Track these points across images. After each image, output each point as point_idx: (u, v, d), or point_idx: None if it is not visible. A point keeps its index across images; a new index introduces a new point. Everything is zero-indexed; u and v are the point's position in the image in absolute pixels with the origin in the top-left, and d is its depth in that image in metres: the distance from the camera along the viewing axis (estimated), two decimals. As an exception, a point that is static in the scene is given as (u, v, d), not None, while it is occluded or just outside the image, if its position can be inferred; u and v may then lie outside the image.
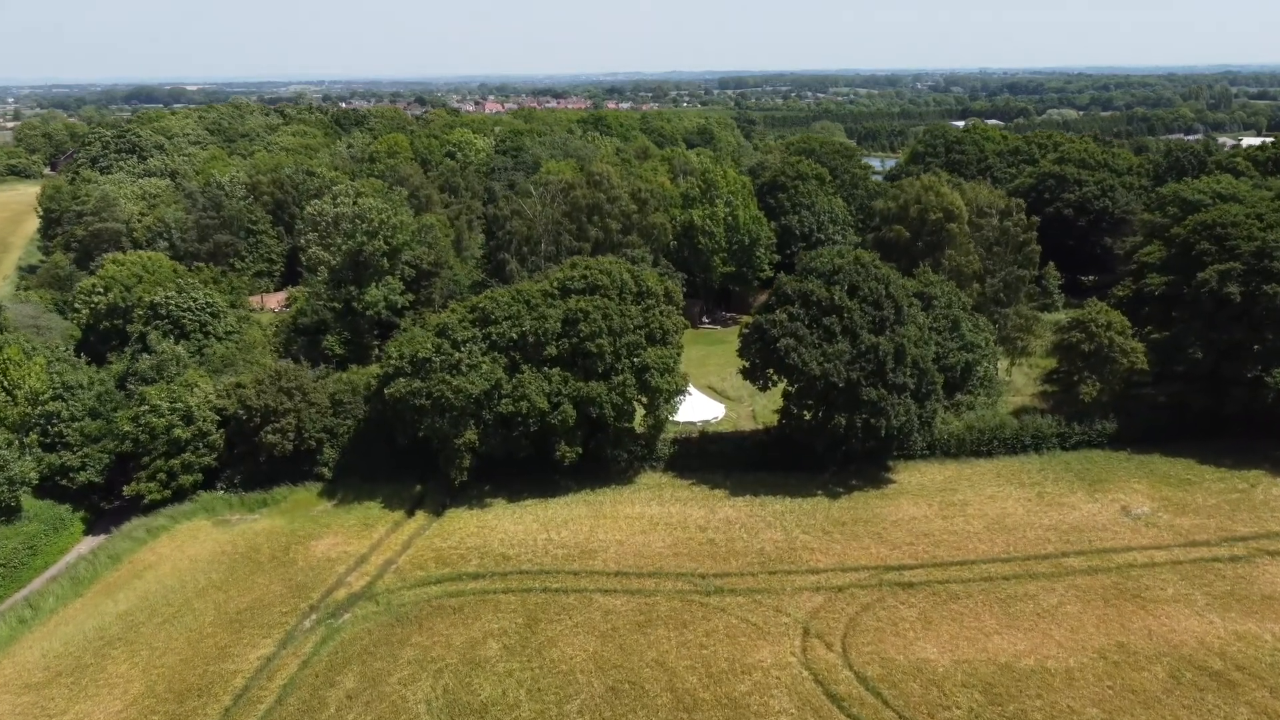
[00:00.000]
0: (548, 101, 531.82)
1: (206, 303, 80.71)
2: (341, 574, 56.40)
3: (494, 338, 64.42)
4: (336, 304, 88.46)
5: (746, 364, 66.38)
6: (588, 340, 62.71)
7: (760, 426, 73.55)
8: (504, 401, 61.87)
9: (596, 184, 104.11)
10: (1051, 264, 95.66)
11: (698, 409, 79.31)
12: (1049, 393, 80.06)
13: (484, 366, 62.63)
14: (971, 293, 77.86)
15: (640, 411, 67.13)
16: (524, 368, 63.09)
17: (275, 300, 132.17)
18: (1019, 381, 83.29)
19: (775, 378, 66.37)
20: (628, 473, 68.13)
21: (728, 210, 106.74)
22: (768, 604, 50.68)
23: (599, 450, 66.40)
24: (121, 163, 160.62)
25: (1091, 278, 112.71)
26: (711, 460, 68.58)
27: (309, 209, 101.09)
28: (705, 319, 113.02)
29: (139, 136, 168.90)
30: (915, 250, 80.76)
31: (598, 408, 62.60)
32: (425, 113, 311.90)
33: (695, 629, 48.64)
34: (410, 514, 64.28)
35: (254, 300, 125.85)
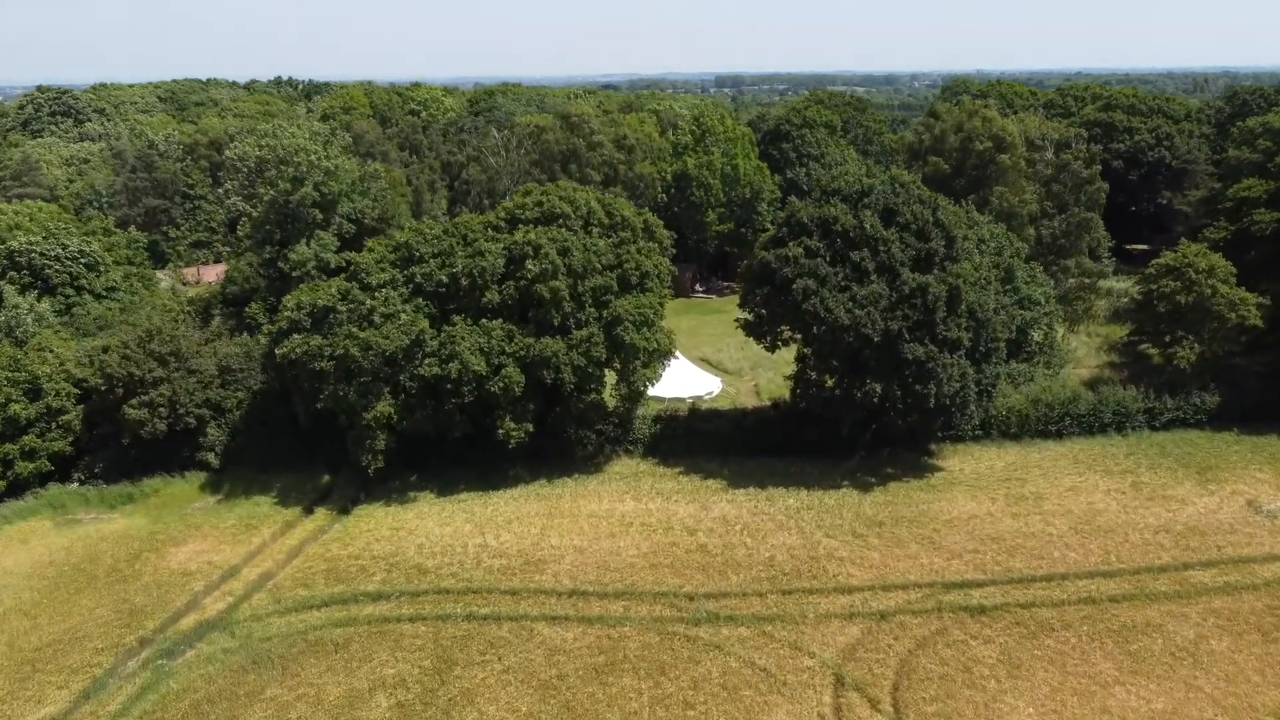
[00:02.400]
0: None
1: (80, 251, 65.36)
2: (197, 593, 41.15)
3: (418, 281, 49.27)
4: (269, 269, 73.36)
5: (750, 317, 51.12)
6: (538, 283, 47.51)
7: (767, 402, 58.33)
8: (427, 362, 46.62)
9: (574, 128, 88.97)
10: (1100, 224, 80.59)
11: (688, 382, 64.19)
12: (1117, 363, 64.99)
13: (403, 317, 47.45)
14: (1026, 239, 62.70)
15: (612, 380, 51.95)
16: (456, 319, 47.88)
17: (214, 273, 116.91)
18: (1079, 350, 68.07)
19: (788, 335, 51.16)
20: (596, 458, 52.93)
21: (725, 160, 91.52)
22: (782, 638, 35.53)
23: (558, 429, 51.26)
24: (55, 126, 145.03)
25: (1142, 247, 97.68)
26: (704, 443, 53.37)
27: (228, 152, 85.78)
28: (699, 287, 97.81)
29: (75, 99, 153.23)
30: (955, 188, 65.53)
31: (553, 372, 47.40)
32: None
33: (678, 677, 33.47)
34: (309, 511, 49.03)
35: (189, 272, 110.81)
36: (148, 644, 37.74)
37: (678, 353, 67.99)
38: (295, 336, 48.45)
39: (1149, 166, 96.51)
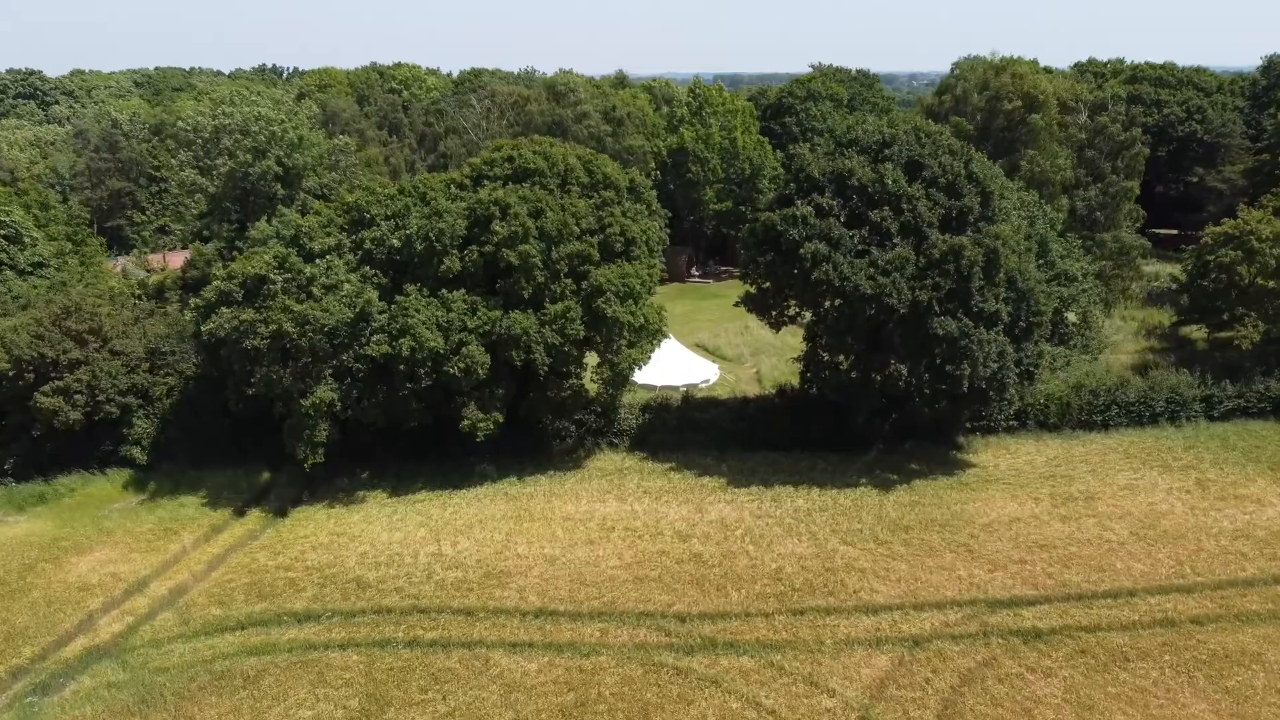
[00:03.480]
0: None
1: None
2: (92, 612, 34.33)
3: (368, 247, 42.52)
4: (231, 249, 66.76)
5: (751, 288, 44.33)
6: (506, 248, 40.73)
7: (770, 390, 51.57)
8: (375, 339, 39.83)
9: (559, 97, 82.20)
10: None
11: (682, 369, 57.51)
12: (1158, 349, 58.42)
13: (347, 287, 40.67)
14: (1059, 208, 55.99)
15: (595, 363, 45.18)
16: (410, 290, 41.10)
17: (180, 259, 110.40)
18: (1115, 335, 61.29)
19: (795, 310, 44.44)
20: (575, 453, 46.23)
21: (724, 134, 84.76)
22: (795, 671, 28.77)
23: (531, 419, 44.56)
24: (19, 109, 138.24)
25: (1170, 231, 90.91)
26: (699, 435, 46.62)
27: (180, 121, 79.02)
28: (695, 271, 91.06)
29: (44, 81, 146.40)
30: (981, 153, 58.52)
31: (523, 351, 40.64)
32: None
33: (664, 723, 26.73)
34: (240, 514, 42.22)
35: (154, 259, 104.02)
36: (21, 675, 30.98)
37: (670, 334, 61.44)
38: (224, 310, 41.66)
39: (1178, 142, 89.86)
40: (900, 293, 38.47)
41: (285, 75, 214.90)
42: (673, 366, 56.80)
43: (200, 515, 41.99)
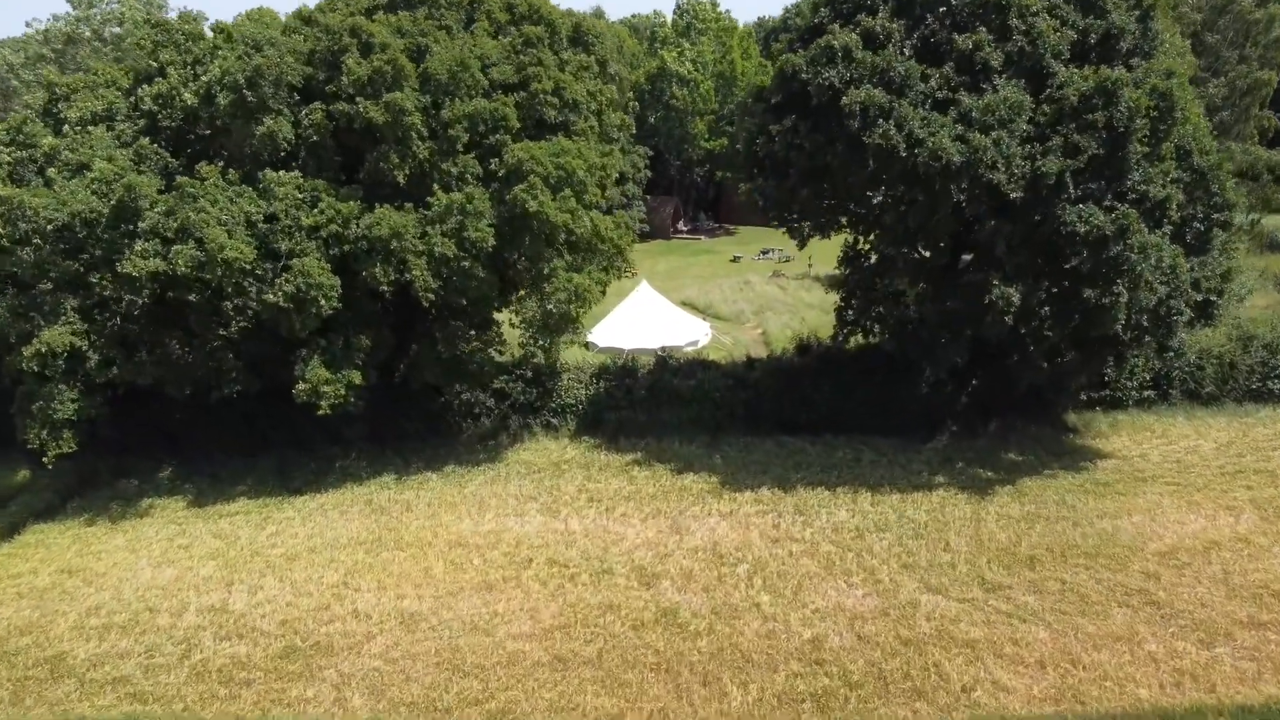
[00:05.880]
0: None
1: None
2: None
3: (148, 107, 26.76)
4: None
5: (759, 178, 28.29)
6: (365, 98, 25.04)
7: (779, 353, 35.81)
8: (140, 248, 24.01)
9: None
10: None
11: (660, 329, 41.75)
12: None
13: (99, 165, 24.86)
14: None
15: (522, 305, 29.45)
16: (205, 170, 25.30)
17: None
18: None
19: (831, 216, 28.72)
20: (496, 439, 30.62)
21: (718, 55, 69.15)
22: None
23: (419, 384, 28.90)
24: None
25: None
26: (680, 411, 30.95)
27: None
28: (682, 225, 75.37)
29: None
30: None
31: (393, 269, 24.98)
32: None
33: None
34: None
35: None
36: None
37: (645, 282, 45.89)
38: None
39: None
40: (1011, 162, 22.85)
41: None
42: (648, 325, 41.26)
43: (-120, 537, 26.23)
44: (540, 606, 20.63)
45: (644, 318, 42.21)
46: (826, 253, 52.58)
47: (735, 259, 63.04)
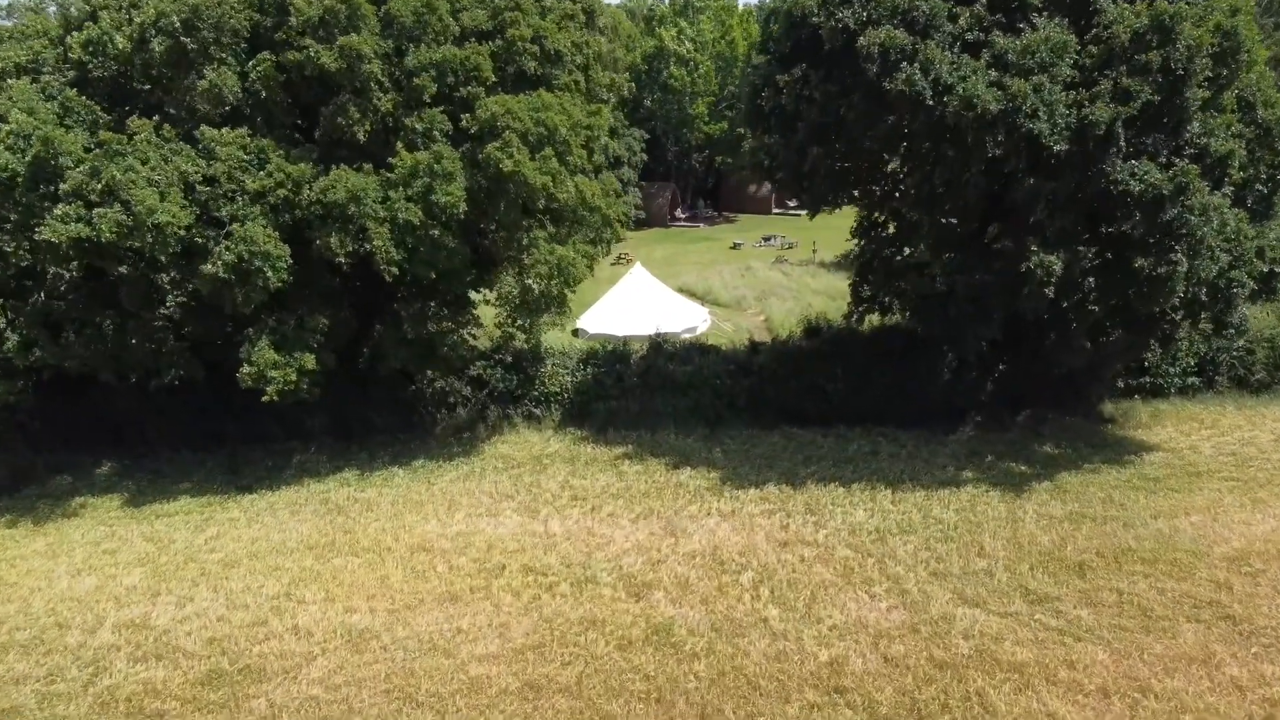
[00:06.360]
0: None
1: None
2: None
3: (77, 56, 23.81)
4: None
5: (765, 135, 25.28)
6: (316, 41, 22.13)
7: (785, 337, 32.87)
8: (60, 212, 21.07)
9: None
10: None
11: (656, 314, 38.72)
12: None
13: (15, 118, 21.94)
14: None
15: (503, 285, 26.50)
16: (137, 125, 22.37)
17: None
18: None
19: (844, 180, 25.72)
20: (472, 430, 27.67)
21: (717, 34, 66.28)
22: None
23: (384, 370, 25.97)
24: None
25: None
26: (677, 400, 28.05)
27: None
28: (680, 213, 72.42)
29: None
30: None
31: (351, 237, 22.08)
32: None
33: None
34: None
35: None
36: None
37: (639, 265, 43.02)
38: None
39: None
40: (1054, 110, 19.92)
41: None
42: (641, 311, 38.43)
43: None
44: (511, 622, 17.70)
45: (638, 303, 39.55)
46: (832, 240, 49.69)
47: (735, 245, 60.20)
